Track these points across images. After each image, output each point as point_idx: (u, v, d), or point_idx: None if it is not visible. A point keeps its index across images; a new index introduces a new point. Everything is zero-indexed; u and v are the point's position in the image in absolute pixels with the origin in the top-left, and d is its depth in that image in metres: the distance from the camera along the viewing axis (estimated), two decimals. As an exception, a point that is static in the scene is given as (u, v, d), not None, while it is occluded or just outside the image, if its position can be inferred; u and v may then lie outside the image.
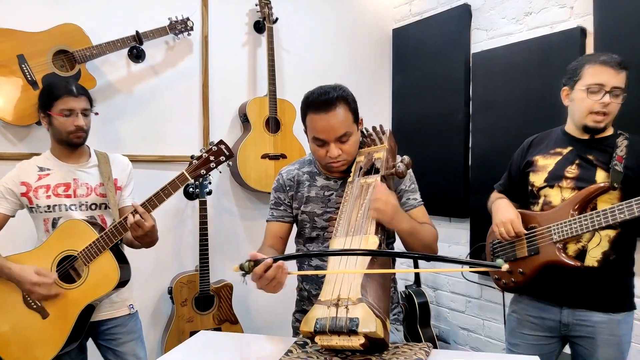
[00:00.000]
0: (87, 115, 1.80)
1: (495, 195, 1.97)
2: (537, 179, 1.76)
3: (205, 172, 1.69)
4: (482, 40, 2.72)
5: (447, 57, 2.86)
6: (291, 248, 1.66)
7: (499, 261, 1.07)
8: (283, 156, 2.69)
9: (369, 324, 1.08)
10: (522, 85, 2.48)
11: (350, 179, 1.44)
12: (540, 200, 1.75)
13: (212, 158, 1.68)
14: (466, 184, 2.77)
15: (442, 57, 2.89)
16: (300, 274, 1.57)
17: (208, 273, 2.46)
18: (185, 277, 2.48)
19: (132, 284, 1.89)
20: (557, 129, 1.85)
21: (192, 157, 1.72)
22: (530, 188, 1.79)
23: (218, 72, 2.70)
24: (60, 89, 1.75)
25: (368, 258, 1.24)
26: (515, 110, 2.51)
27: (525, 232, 1.72)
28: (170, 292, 2.46)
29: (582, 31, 2.26)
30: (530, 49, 2.44)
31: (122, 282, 1.75)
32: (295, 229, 1.67)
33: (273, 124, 2.69)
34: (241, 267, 1.18)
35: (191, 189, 2.46)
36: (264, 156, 2.66)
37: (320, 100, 1.40)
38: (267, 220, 1.65)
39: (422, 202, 1.54)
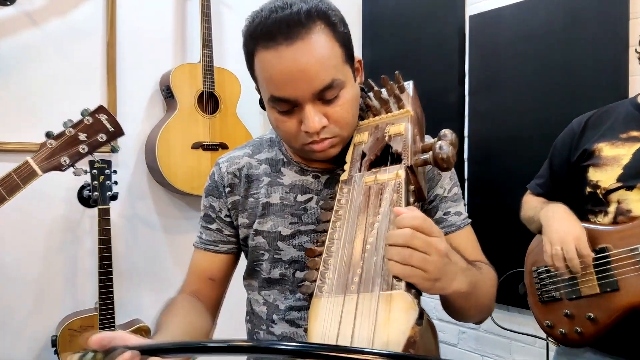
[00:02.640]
0: None
1: (533, 199, 1.38)
2: (604, 176, 1.18)
3: (69, 161, 0.98)
4: None
5: (434, 23, 2.26)
6: (237, 295, 0.97)
7: None
8: (223, 146, 1.98)
9: None
10: (538, 56, 1.90)
11: (344, 176, 0.76)
12: (611, 209, 1.18)
13: (82, 137, 0.99)
14: (461, 181, 2.18)
15: (427, 23, 2.28)
16: None
17: (112, 312, 1.70)
18: (77, 320, 1.72)
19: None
20: (623, 102, 1.29)
21: (47, 134, 0.98)
22: (590, 190, 1.22)
23: (130, 27, 1.94)
24: None
25: (398, 342, 0.57)
26: (528, 89, 1.94)
27: (594, 256, 1.13)
28: (54, 343, 1.69)
29: (624, -18, 1.72)
30: (550, 9, 1.87)
31: None
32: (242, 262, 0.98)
33: (209, 102, 1.97)
34: None
35: (87, 192, 1.71)
36: (196, 146, 1.93)
37: (278, 20, 0.71)
38: (193, 246, 0.96)
39: (469, 220, 0.89)
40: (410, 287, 0.59)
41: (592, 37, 1.73)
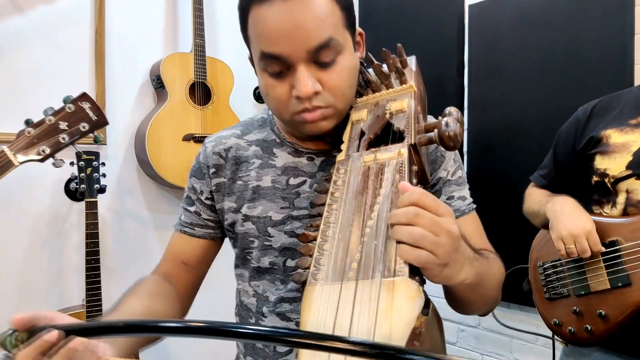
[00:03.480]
0: None
1: (536, 191, 1.33)
2: (613, 164, 1.13)
3: (48, 151, 0.91)
4: (480, -12, 2.08)
5: (432, 12, 2.20)
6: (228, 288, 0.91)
7: None
8: (215, 138, 1.92)
9: None
10: (540, 45, 1.85)
11: (341, 156, 0.71)
12: (620, 199, 1.13)
13: (63, 125, 0.92)
14: (460, 176, 2.12)
15: (426, 12, 2.23)
16: None
17: (100, 309, 1.65)
18: (63, 317, 1.65)
19: None
20: (631, 90, 1.25)
21: (26, 122, 0.93)
22: (597, 179, 1.17)
23: (120, 15, 1.88)
24: None
25: (402, 334, 0.52)
26: (530, 78, 1.89)
27: (603, 249, 1.09)
28: (38, 341, 1.62)
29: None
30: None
31: None
32: (226, 250, 0.93)
33: (201, 93, 1.90)
34: (2, 344, 0.53)
35: (74, 185, 1.65)
36: (188, 137, 1.87)
37: None
38: (173, 227, 0.92)
39: (475, 205, 0.83)
40: (414, 273, 0.54)
41: (596, 24, 1.68)
